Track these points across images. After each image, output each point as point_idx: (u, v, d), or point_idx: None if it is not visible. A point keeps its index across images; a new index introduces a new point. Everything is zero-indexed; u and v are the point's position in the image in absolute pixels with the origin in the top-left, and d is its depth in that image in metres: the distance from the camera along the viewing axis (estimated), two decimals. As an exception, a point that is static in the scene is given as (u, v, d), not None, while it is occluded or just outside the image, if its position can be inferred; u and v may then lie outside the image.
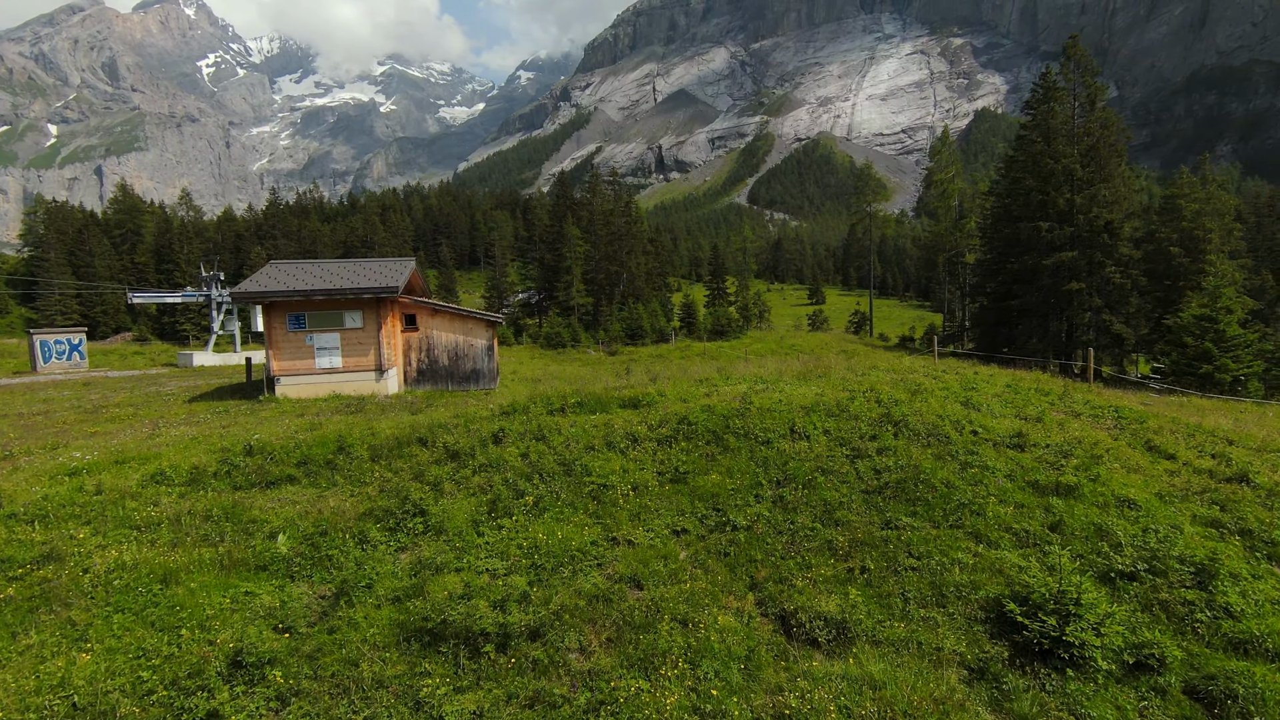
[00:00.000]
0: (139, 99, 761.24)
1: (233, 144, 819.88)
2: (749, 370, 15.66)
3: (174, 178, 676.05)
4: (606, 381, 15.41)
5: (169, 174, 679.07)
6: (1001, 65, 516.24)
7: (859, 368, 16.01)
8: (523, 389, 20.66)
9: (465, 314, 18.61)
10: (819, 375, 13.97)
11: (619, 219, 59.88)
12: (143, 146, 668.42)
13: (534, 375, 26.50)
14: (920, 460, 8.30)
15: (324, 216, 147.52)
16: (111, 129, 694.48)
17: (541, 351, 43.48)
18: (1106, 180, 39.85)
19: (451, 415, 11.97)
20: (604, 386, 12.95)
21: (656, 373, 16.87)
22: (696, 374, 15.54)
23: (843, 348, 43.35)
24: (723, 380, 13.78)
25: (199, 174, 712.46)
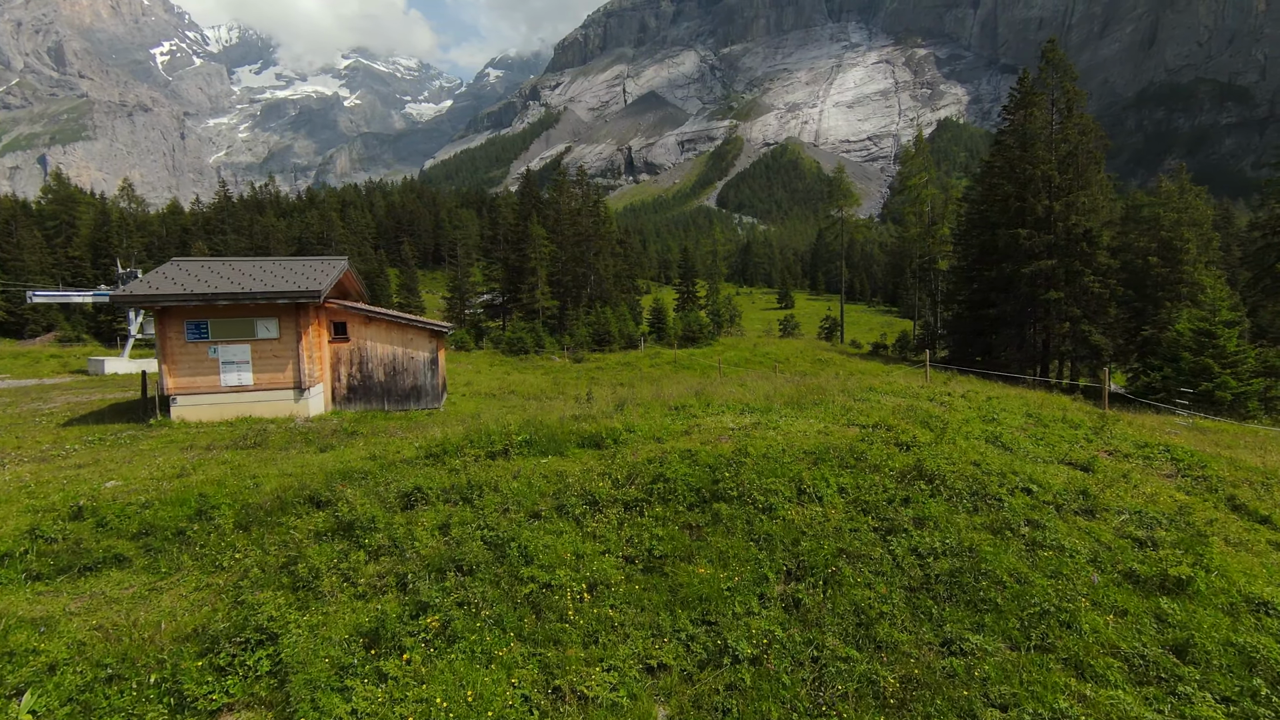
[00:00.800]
0: (87, 86, 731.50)
1: (188, 135, 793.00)
2: (732, 393, 13.53)
3: (124, 169, 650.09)
4: (565, 407, 13.12)
5: (119, 165, 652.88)
6: (963, 76, 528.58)
7: (856, 390, 14.03)
8: (472, 406, 18.23)
9: (405, 322, 16.15)
10: (815, 402, 11.90)
11: (586, 219, 57.49)
12: (91, 136, 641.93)
13: (489, 388, 24.05)
14: (973, 537, 6.24)
15: (280, 211, 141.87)
16: (57, 116, 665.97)
17: (503, 358, 40.93)
18: (1084, 187, 38.99)
19: (366, 456, 9.57)
20: (559, 418, 10.68)
21: (625, 394, 14.66)
22: (671, 396, 13.36)
23: (817, 355, 41.74)
24: (702, 407, 11.62)
25: (151, 165, 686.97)
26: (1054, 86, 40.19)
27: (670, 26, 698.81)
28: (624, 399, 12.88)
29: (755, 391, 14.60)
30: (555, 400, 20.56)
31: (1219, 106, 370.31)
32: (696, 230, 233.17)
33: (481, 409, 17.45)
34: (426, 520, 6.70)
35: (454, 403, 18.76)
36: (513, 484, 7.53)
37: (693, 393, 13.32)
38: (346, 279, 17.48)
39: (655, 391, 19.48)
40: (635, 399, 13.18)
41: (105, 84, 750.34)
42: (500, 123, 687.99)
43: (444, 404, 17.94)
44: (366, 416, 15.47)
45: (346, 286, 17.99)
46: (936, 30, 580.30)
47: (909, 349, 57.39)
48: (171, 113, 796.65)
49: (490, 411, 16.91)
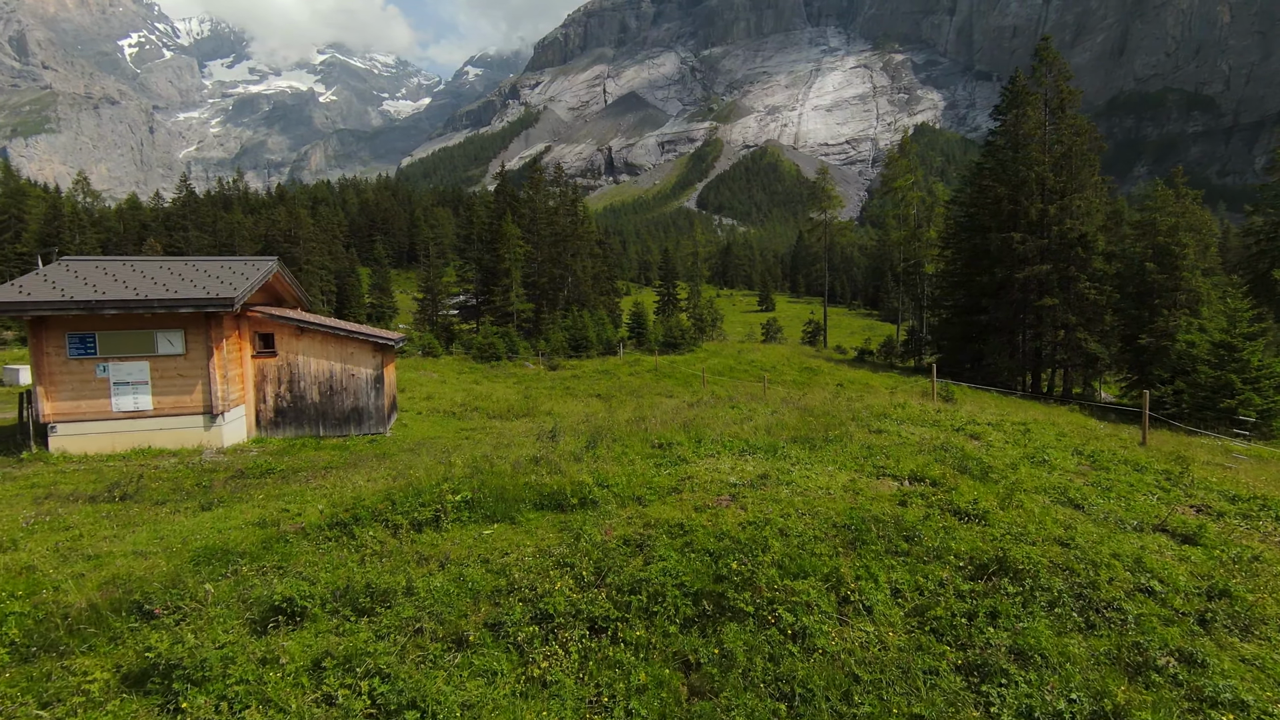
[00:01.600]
0: (51, 77, 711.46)
1: (157, 129, 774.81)
2: (725, 421, 11.46)
3: (90, 163, 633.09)
4: (527, 441, 10.97)
5: (84, 158, 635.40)
6: (940, 82, 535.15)
7: (868, 417, 12.05)
8: (423, 430, 15.94)
9: (344, 334, 13.85)
10: (827, 438, 9.85)
11: (564, 218, 55.16)
12: (54, 128, 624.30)
13: (451, 402, 21.72)
14: (1105, 684, 4.20)
15: (248, 208, 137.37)
16: (19, 108, 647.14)
17: (473, 365, 38.51)
18: (1079, 190, 37.71)
19: (254, 521, 7.28)
20: (515, 463, 8.50)
21: (600, 421, 12.53)
22: (655, 425, 11.24)
23: (805, 363, 39.94)
24: (692, 445, 9.52)
25: (119, 160, 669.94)
26: (1048, 86, 38.87)
27: (651, 27, 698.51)
28: (597, 432, 10.74)
29: (753, 418, 12.54)
30: (521, 421, 18.34)
31: (1186, 116, 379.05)
32: (677, 231, 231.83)
33: (433, 435, 15.17)
34: (293, 652, 4.46)
35: (404, 425, 16.44)
36: (435, 581, 5.32)
37: (680, 424, 11.21)
38: (277, 283, 15.10)
39: (635, 411, 17.35)
40: (611, 430, 11.04)
41: (70, 75, 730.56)
42: (479, 121, 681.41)
43: (391, 427, 15.61)
44: (295, 445, 13.14)
45: (279, 292, 15.60)
46: (913, 36, 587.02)
47: (894, 355, 55.98)
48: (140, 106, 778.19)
49: (443, 438, 14.65)
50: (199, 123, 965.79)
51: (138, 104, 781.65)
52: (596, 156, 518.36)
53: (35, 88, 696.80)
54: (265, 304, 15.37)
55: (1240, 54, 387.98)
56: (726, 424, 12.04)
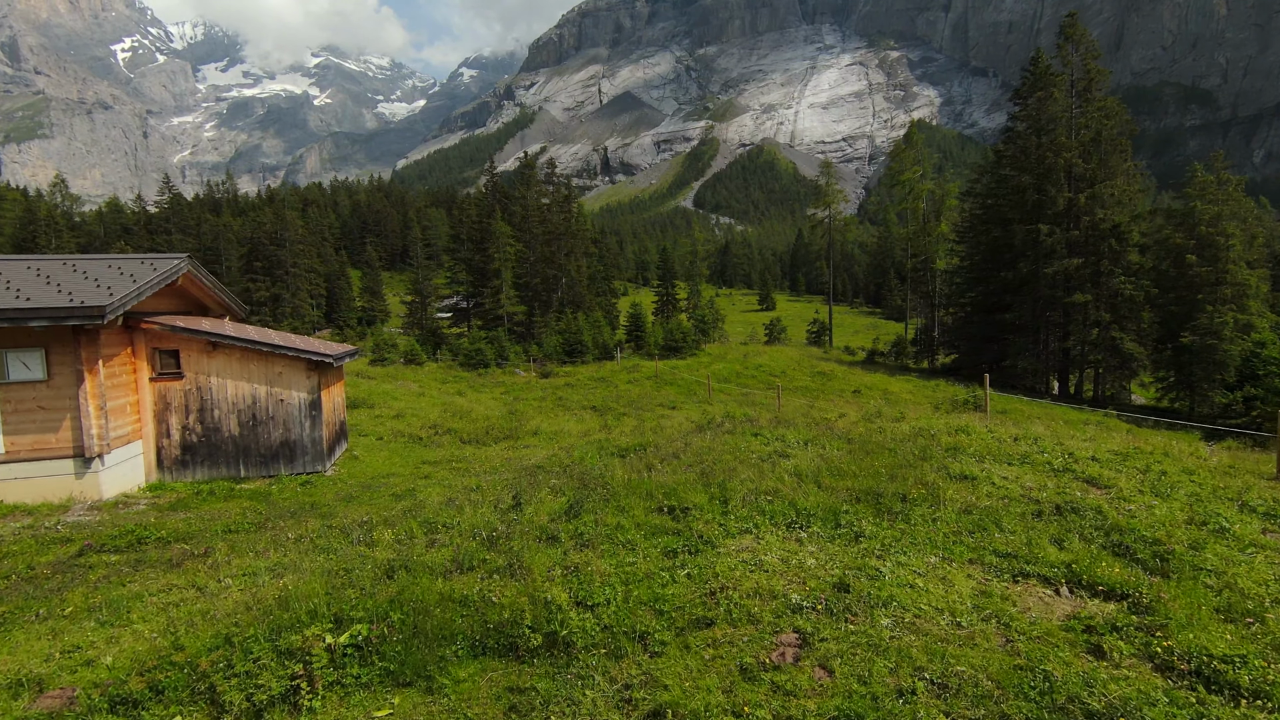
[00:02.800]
0: (44, 83, 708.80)
1: (151, 134, 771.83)
2: (756, 465, 8.63)
3: (84, 168, 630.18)
4: (477, 517, 8.17)
5: (78, 163, 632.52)
6: (935, 79, 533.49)
7: (934, 451, 9.23)
8: (376, 465, 13.08)
9: (270, 349, 11.00)
10: (901, 494, 7.04)
11: (557, 215, 52.26)
12: (48, 134, 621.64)
13: (424, 420, 18.84)
14: None
15: (238, 211, 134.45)
16: (11, 114, 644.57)
17: (459, 372, 35.66)
18: (1110, 177, 34.92)
19: (8, 684, 4.43)
20: (452, 559, 5.64)
21: (588, 468, 9.75)
22: (663, 484, 8.40)
23: (816, 367, 37.12)
24: (717, 514, 6.72)
25: (112, 164, 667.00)
26: (1074, 66, 36.09)
27: (645, 27, 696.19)
28: (584, 488, 7.90)
29: (788, 452, 9.71)
30: (500, 447, 15.49)
31: (1183, 109, 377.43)
32: (674, 231, 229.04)
33: (386, 472, 12.31)
34: None
35: (356, 457, 13.57)
36: None
37: (695, 466, 8.40)
38: (192, 287, 12.25)
39: (635, 434, 14.51)
40: (604, 480, 8.22)
41: (63, 80, 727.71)
42: (475, 123, 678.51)
43: (337, 461, 12.74)
44: (203, 492, 10.32)
45: (197, 298, 12.75)
46: (909, 33, 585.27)
47: (906, 355, 53.18)
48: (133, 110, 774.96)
49: (399, 475, 11.79)
50: (193, 127, 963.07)
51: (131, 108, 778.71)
52: (592, 157, 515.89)
53: (28, 93, 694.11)
54: (179, 312, 12.52)
55: (1237, 47, 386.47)
56: (755, 464, 9.21)
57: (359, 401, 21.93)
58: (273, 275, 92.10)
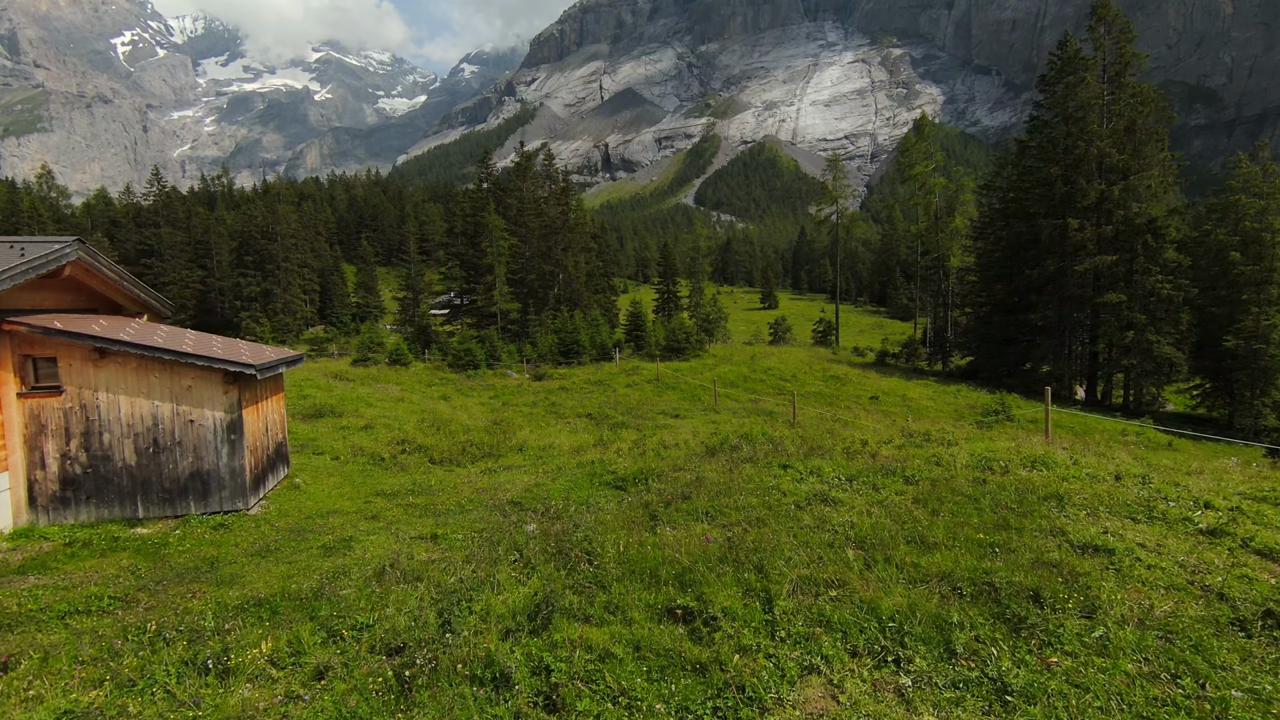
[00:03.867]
0: (43, 76, 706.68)
1: (150, 128, 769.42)
2: (796, 522, 6.31)
3: (83, 162, 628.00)
4: (396, 621, 5.79)
5: (77, 158, 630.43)
6: (938, 77, 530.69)
7: (1033, 497, 6.89)
8: (324, 494, 10.73)
9: (173, 358, 8.67)
10: (1037, 595, 4.67)
11: (554, 208, 49.81)
12: (47, 127, 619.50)
13: (396, 433, 16.49)
14: None
15: (232, 205, 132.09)
16: (11, 107, 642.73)
17: (446, 374, 33.32)
18: (1145, 168, 32.55)
19: None
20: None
21: (571, 537, 7.43)
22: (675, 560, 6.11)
23: (827, 371, 34.76)
24: (758, 624, 4.38)
25: (112, 159, 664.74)
26: (1107, 49, 33.69)
27: (647, 23, 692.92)
28: (557, 578, 5.56)
29: (835, 499, 7.38)
30: (477, 468, 13.14)
31: (1188, 108, 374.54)
32: (675, 228, 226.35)
33: (330, 507, 9.96)
34: None
35: (299, 485, 11.21)
36: None
37: (722, 545, 6.05)
38: (87, 278, 9.91)
39: (635, 456, 12.16)
40: (588, 558, 5.89)
41: (62, 74, 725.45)
42: (475, 118, 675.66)
43: (269, 494, 10.40)
44: (80, 540, 8.00)
45: (100, 292, 10.41)
46: (911, 30, 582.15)
47: (918, 357, 50.86)
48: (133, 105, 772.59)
49: (346, 511, 9.45)
50: (193, 121, 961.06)
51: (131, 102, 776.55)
52: (593, 153, 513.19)
53: (27, 86, 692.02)
54: (79, 310, 10.18)
55: (1243, 46, 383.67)
56: (792, 517, 6.88)
57: (326, 410, 19.60)
58: (264, 270, 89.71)
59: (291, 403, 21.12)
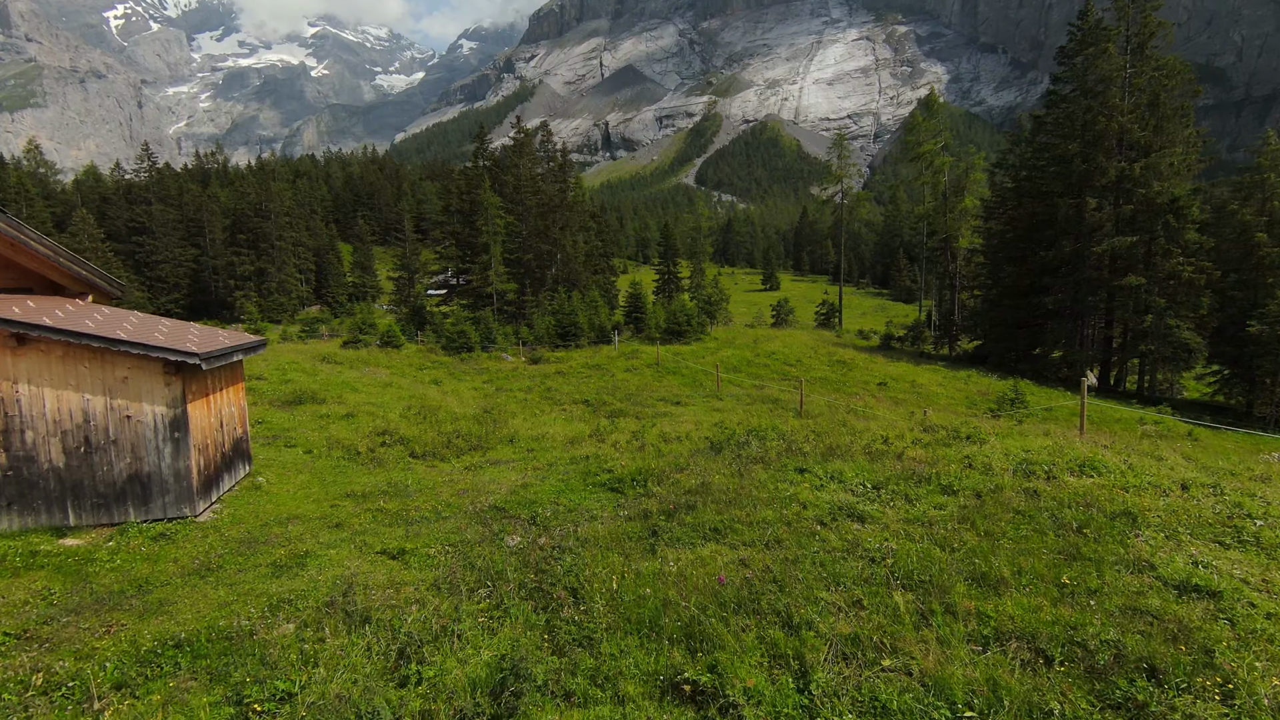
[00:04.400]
0: (35, 50, 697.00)
1: (145, 104, 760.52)
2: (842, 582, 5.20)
3: (78, 138, 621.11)
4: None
5: (72, 134, 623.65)
6: (943, 55, 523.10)
7: (1120, 523, 5.80)
8: (286, 497, 9.65)
9: (103, 346, 7.56)
10: (1139, 658, 3.54)
11: (552, 185, 48.28)
12: (40, 103, 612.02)
13: (376, 427, 15.40)
14: None
15: (226, 182, 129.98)
16: (3, 82, 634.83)
17: (439, 357, 32.20)
18: (1168, 146, 31.15)
19: None
20: None
21: (550, 587, 6.34)
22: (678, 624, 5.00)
23: (833, 355, 33.63)
24: (792, 712, 3.18)
25: (107, 135, 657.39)
26: (1131, 18, 32.10)
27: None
28: (536, 629, 4.47)
29: (870, 512, 6.33)
30: (461, 464, 12.06)
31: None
32: (675, 208, 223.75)
33: (292, 513, 8.89)
34: None
35: (261, 484, 10.13)
36: None
37: (739, 589, 5.00)
38: (12, 254, 8.77)
39: (634, 452, 11.08)
40: (575, 601, 4.80)
41: (55, 48, 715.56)
42: (474, 96, 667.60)
43: (226, 496, 9.32)
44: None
45: (31, 269, 9.25)
46: (917, 7, 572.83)
47: (924, 340, 49.70)
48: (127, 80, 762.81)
49: (309, 516, 8.38)
50: (188, 97, 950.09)
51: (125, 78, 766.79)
52: (593, 132, 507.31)
53: (19, 60, 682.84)
54: (12, 290, 9.03)
55: (1254, 24, 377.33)
56: (816, 539, 5.81)
57: (307, 396, 18.51)
58: (257, 249, 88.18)
59: (272, 388, 20.03)
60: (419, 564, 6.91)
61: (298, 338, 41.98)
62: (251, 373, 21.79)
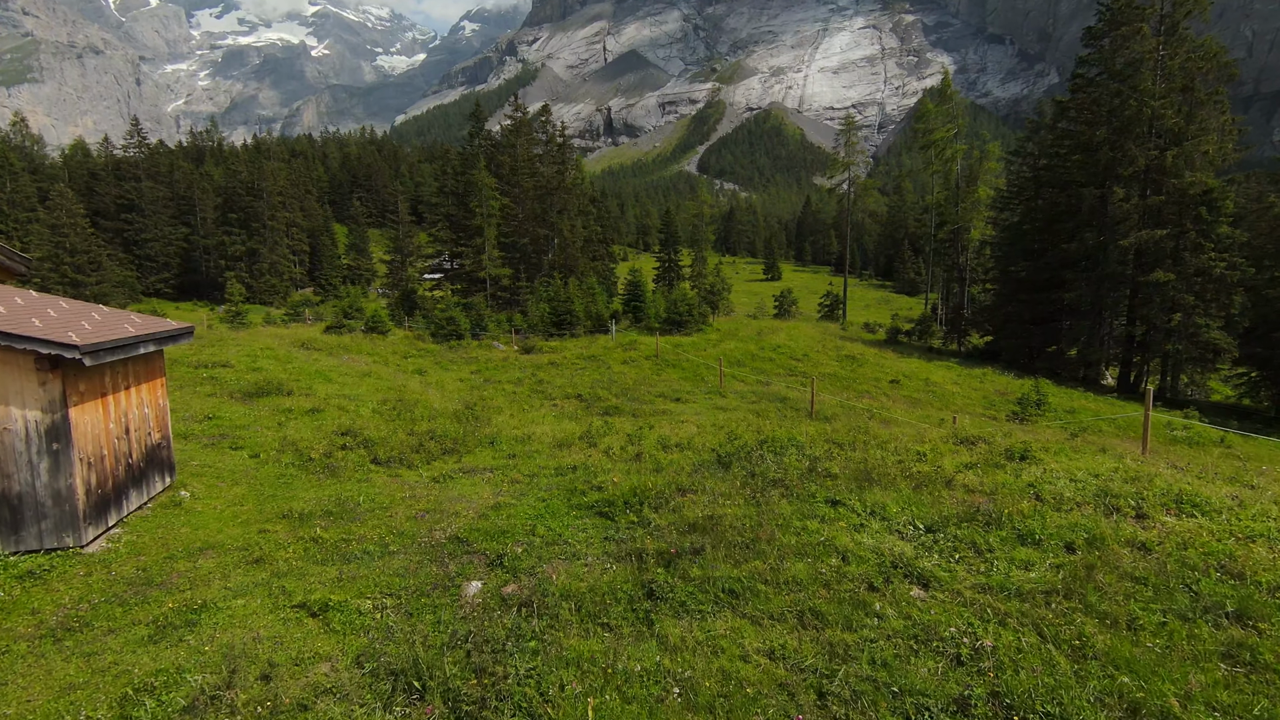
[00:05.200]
0: (32, 24, 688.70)
1: (144, 81, 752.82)
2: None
3: (75, 115, 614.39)
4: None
5: (69, 110, 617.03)
6: (950, 45, 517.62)
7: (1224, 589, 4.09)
8: (210, 518, 8.01)
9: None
10: None
11: (549, 167, 46.38)
12: (37, 78, 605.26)
13: (340, 425, 13.76)
14: None
15: (220, 160, 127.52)
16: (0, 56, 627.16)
17: (426, 345, 30.53)
18: (1202, 133, 29.37)
19: None
20: None
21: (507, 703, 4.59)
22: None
23: (842, 349, 31.99)
24: None
25: (104, 112, 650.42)
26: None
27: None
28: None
29: (927, 568, 4.70)
30: (427, 473, 10.41)
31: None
32: (677, 195, 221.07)
33: (202, 544, 7.28)
34: None
35: (183, 500, 8.51)
36: None
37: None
38: None
39: (628, 461, 9.47)
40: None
41: (52, 22, 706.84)
42: (475, 79, 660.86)
43: (131, 519, 7.70)
44: None
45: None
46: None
47: (932, 335, 48.04)
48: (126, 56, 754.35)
49: (210, 561, 6.77)
50: (187, 75, 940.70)
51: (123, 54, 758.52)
52: (595, 117, 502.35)
53: (16, 35, 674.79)
54: None
55: (1265, 19, 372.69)
56: (876, 624, 4.22)
57: (272, 387, 16.85)
58: (249, 229, 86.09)
59: (237, 376, 18.38)
60: (344, 626, 5.30)
61: (281, 321, 40.26)
62: (217, 360, 20.13)
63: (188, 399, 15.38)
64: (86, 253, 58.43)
